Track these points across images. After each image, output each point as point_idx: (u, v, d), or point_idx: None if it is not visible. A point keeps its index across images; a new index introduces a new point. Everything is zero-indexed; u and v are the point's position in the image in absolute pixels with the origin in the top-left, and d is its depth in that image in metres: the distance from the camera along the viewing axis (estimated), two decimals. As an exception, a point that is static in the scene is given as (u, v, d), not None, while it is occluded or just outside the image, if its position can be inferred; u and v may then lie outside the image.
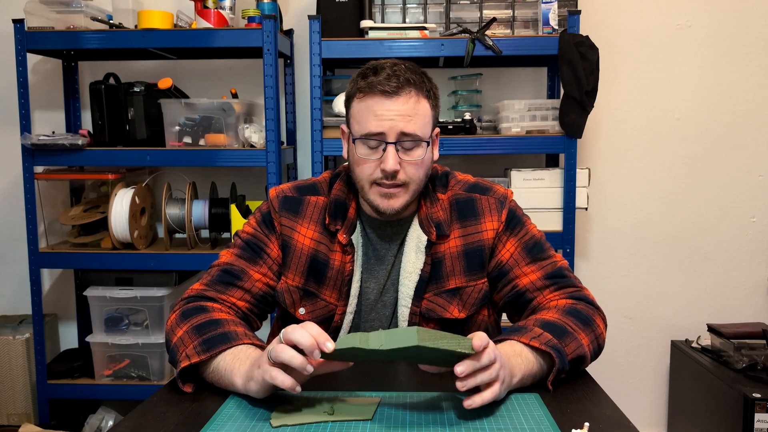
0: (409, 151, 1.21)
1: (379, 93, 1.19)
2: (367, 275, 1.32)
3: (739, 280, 2.69)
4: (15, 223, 2.68)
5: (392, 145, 1.19)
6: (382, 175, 1.21)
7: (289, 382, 0.96)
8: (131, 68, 2.66)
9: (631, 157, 2.66)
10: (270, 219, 1.33)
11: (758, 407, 2.05)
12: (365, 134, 1.21)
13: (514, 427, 0.95)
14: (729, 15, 2.58)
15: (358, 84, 1.23)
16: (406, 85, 1.20)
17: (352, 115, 1.25)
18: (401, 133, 1.19)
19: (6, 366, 2.56)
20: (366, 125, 1.20)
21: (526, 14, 2.39)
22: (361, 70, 1.24)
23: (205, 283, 1.27)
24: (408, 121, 1.19)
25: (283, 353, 0.96)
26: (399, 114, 1.19)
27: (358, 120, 1.22)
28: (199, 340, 1.11)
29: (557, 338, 1.12)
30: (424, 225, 1.29)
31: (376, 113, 1.19)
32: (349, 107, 1.26)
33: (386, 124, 1.19)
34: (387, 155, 1.19)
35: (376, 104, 1.19)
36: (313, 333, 0.96)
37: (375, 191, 1.23)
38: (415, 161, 1.22)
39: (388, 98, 1.19)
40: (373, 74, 1.21)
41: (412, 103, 1.20)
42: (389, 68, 1.20)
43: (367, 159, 1.22)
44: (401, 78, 1.19)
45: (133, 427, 0.98)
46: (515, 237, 1.31)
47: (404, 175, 1.22)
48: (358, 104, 1.23)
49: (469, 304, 1.29)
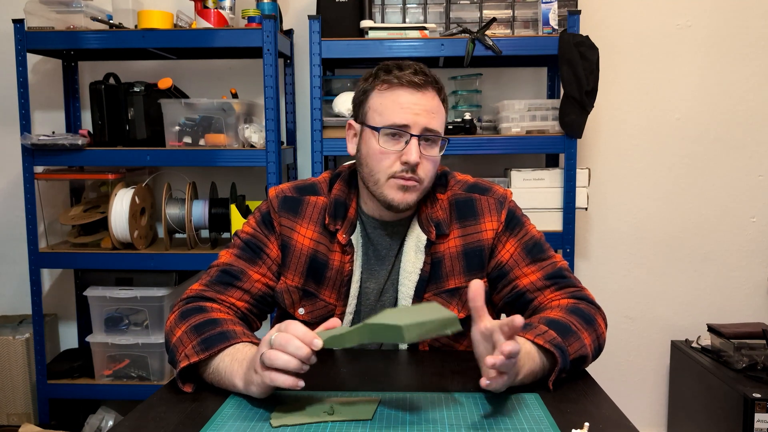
0: (429, 147, 1.23)
1: (407, 85, 1.21)
2: (367, 275, 1.32)
3: (739, 280, 2.69)
4: (15, 223, 2.68)
5: (416, 137, 1.21)
6: (402, 167, 1.22)
7: (291, 381, 0.96)
8: (131, 68, 2.66)
9: (631, 157, 2.66)
10: (269, 219, 1.32)
11: (758, 407, 2.05)
12: (390, 125, 1.21)
13: (514, 427, 0.95)
14: (729, 15, 2.58)
15: (381, 77, 1.24)
16: (431, 84, 1.23)
17: (370, 107, 1.25)
18: (425, 128, 1.21)
19: (6, 366, 2.56)
20: (390, 116, 1.21)
21: (526, 14, 2.39)
22: (381, 65, 1.26)
23: (204, 283, 1.27)
24: (432, 117, 1.22)
25: (277, 360, 0.95)
26: (424, 109, 1.21)
27: (380, 112, 1.23)
28: (197, 340, 1.11)
29: (561, 337, 1.12)
30: (424, 225, 1.29)
31: (403, 105, 1.21)
32: (366, 100, 1.26)
33: (412, 117, 1.20)
34: (410, 147, 1.20)
35: (402, 96, 1.21)
36: (298, 335, 0.96)
37: (392, 184, 1.23)
38: (433, 158, 1.24)
39: (416, 91, 1.21)
40: (398, 69, 1.23)
41: (436, 101, 1.24)
42: (414, 65, 1.24)
43: (387, 151, 1.22)
44: (428, 75, 1.23)
45: (133, 427, 0.97)
46: (515, 237, 1.31)
47: (422, 171, 1.23)
48: (381, 96, 1.23)
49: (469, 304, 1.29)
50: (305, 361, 0.95)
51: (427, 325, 0.94)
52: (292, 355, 0.95)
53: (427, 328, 0.95)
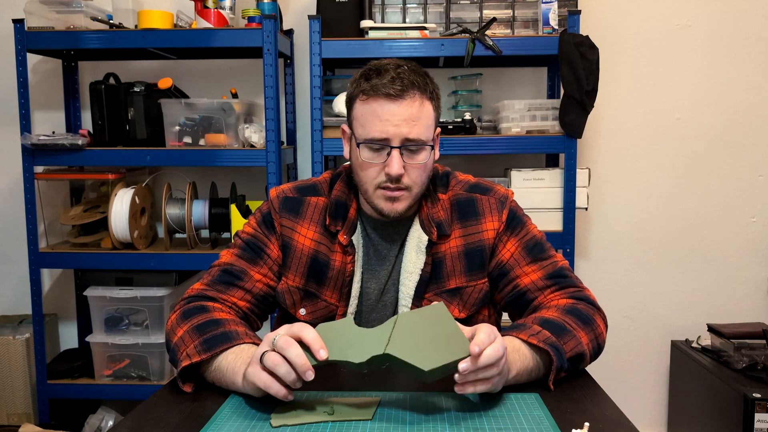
0: (413, 155, 1.20)
1: (383, 96, 1.17)
2: (368, 275, 1.32)
3: (739, 280, 2.69)
4: (15, 223, 2.68)
5: (397, 149, 1.18)
6: (386, 179, 1.20)
7: (282, 392, 0.97)
8: (131, 68, 2.66)
9: (631, 157, 2.66)
10: (270, 219, 1.32)
11: (758, 407, 2.05)
12: (369, 139, 1.19)
13: (514, 427, 0.95)
14: (729, 15, 2.58)
15: (361, 86, 1.20)
16: (411, 88, 1.18)
17: (354, 117, 1.24)
18: (405, 138, 1.18)
19: (6, 366, 2.56)
20: (370, 130, 1.19)
21: (526, 14, 2.39)
22: (363, 70, 1.23)
23: (205, 283, 1.27)
24: (412, 126, 1.18)
25: (280, 368, 0.95)
26: (403, 119, 1.17)
27: (362, 123, 1.21)
28: (199, 340, 1.11)
29: (555, 336, 1.11)
30: (425, 225, 1.29)
31: (381, 118, 1.18)
32: (351, 108, 1.25)
33: (391, 129, 1.17)
34: (391, 160, 1.18)
35: (380, 108, 1.18)
36: (308, 340, 0.96)
37: (379, 194, 1.23)
38: (419, 164, 1.21)
39: (392, 102, 1.17)
40: (376, 76, 1.19)
41: (417, 106, 1.18)
42: (393, 70, 1.18)
43: (370, 163, 1.21)
44: (405, 81, 1.17)
45: (133, 427, 0.97)
46: (516, 237, 1.31)
47: (408, 179, 1.21)
48: (362, 107, 1.21)
49: (470, 304, 1.30)
50: (301, 374, 0.95)
51: (447, 367, 0.96)
52: (292, 365, 0.95)
53: (447, 369, 0.96)
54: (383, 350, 0.96)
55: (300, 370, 0.95)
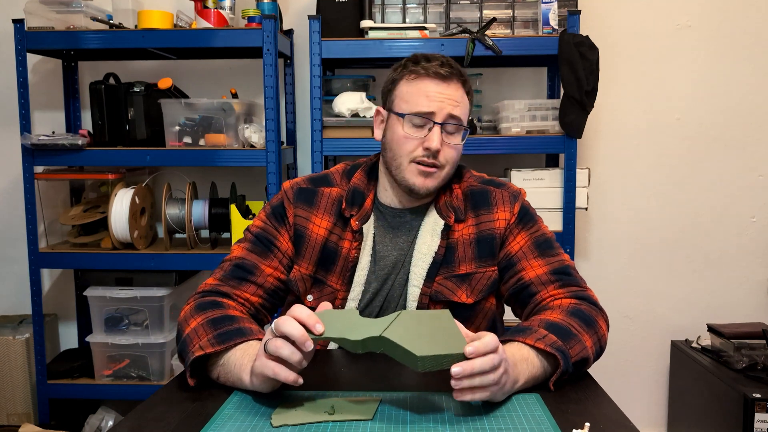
0: (451, 135, 1.29)
1: (433, 75, 1.27)
2: (377, 265, 1.34)
3: (739, 280, 2.69)
4: (15, 223, 2.68)
5: (438, 125, 1.27)
6: (424, 153, 1.27)
7: (292, 376, 0.97)
8: (131, 68, 2.66)
9: (631, 157, 2.66)
10: (280, 211, 1.36)
11: (758, 407, 2.05)
12: (416, 112, 1.27)
13: (515, 427, 0.95)
14: (729, 15, 2.58)
15: (410, 67, 1.30)
16: (457, 76, 1.29)
17: (397, 95, 1.32)
18: (449, 115, 1.27)
19: (6, 366, 2.56)
20: (416, 104, 1.27)
21: (526, 14, 2.39)
22: (410, 57, 1.33)
23: (218, 278, 1.29)
24: (455, 106, 1.28)
25: (283, 349, 0.97)
26: (449, 98, 1.27)
27: (407, 100, 1.29)
28: (214, 333, 1.12)
29: (562, 340, 1.12)
30: (443, 211, 1.34)
31: (428, 94, 1.27)
32: (394, 89, 1.33)
33: (436, 105, 1.26)
34: (432, 134, 1.26)
35: (428, 86, 1.27)
36: (302, 318, 0.97)
37: (413, 169, 1.29)
38: (455, 145, 1.30)
39: (441, 81, 1.27)
40: (425, 61, 1.30)
41: (460, 91, 1.30)
42: (441, 58, 1.30)
43: (410, 136, 1.28)
44: (453, 67, 1.29)
45: (133, 427, 0.97)
46: (526, 231, 1.34)
47: (443, 156, 1.28)
48: (408, 85, 1.30)
49: (477, 290, 1.32)
50: (301, 345, 0.96)
51: (440, 359, 0.96)
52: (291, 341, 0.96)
53: (440, 362, 0.96)
54: (380, 333, 0.97)
55: (299, 342, 0.96)
